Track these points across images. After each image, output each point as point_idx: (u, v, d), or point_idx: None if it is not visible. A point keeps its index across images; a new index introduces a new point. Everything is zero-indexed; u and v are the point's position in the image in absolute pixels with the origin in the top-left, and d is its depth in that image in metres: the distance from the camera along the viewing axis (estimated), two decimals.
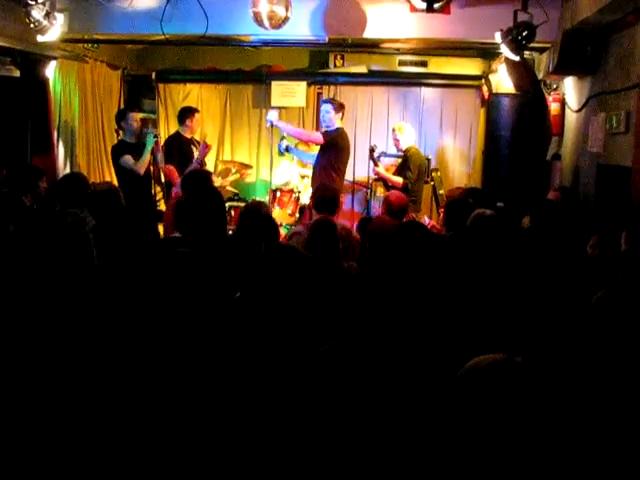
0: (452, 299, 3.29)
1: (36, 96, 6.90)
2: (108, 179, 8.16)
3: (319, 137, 7.07)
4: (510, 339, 2.73)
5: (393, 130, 7.34)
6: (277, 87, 8.93)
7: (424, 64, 8.90)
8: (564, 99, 6.78)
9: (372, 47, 8.02)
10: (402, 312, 2.91)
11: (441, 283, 3.43)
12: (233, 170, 8.41)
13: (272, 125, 7.23)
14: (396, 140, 7.22)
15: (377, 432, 1.94)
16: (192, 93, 9.32)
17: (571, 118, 6.62)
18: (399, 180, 6.91)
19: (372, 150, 7.19)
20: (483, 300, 3.33)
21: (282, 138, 7.49)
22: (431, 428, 1.91)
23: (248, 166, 8.74)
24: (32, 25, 5.81)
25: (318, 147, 7.30)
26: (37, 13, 5.77)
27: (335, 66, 9.13)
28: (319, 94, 9.18)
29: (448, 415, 1.73)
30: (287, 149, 7.78)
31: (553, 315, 3.03)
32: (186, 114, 7.42)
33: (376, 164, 7.12)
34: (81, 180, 5.18)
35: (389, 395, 2.04)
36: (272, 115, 7.24)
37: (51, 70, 7.09)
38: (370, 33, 6.51)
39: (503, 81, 7.26)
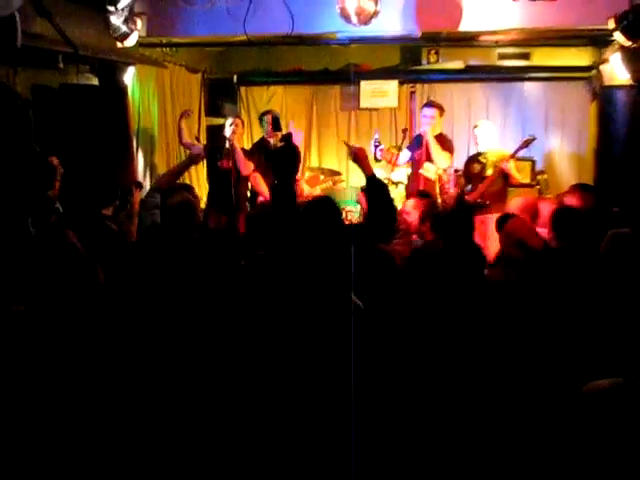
0: (561, 314, 3.29)
1: (115, 104, 7.04)
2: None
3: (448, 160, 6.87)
4: (626, 363, 2.68)
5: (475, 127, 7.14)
6: (366, 87, 8.94)
7: (526, 56, 8.79)
8: None
9: (469, 40, 7.94)
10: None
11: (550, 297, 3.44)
12: (321, 177, 8.41)
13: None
14: (476, 139, 7.05)
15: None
16: (276, 96, 9.48)
17: None
18: (519, 177, 6.79)
19: (530, 141, 6.74)
20: (596, 319, 3.29)
21: (377, 141, 7.03)
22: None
23: (337, 173, 8.72)
24: (112, 32, 6.01)
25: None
26: (116, 19, 5.96)
27: (429, 62, 9.09)
28: (412, 93, 9.22)
29: (568, 435, 1.83)
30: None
31: None
32: (260, 118, 7.51)
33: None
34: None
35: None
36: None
37: (129, 76, 7.22)
38: (467, 26, 6.48)
39: (617, 72, 7.02)
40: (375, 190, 4.12)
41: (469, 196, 6.67)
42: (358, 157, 4.44)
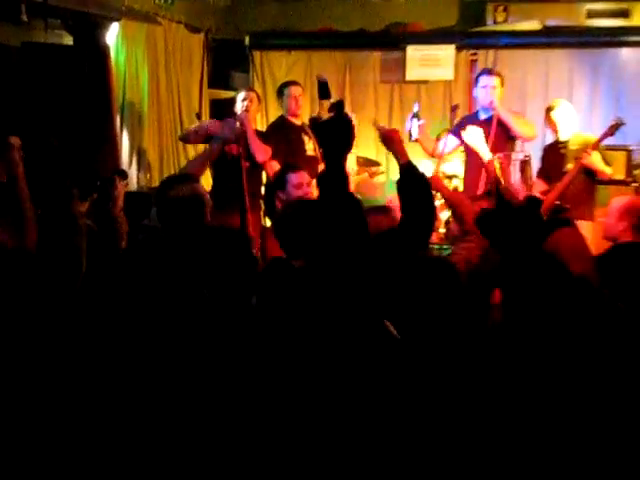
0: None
1: (93, 69, 6.81)
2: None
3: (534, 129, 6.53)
4: None
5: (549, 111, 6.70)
6: (415, 53, 8.62)
7: (624, 14, 8.45)
8: None
9: None
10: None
11: None
12: (355, 168, 7.75)
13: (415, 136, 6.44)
14: (552, 124, 6.61)
15: None
16: (299, 63, 9.16)
17: None
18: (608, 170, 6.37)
19: (618, 125, 6.38)
20: None
21: (415, 115, 6.51)
22: None
23: (374, 163, 8.28)
24: None
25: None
26: None
27: (495, 22, 8.82)
28: (473, 62, 8.84)
29: None
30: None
31: None
32: (279, 91, 7.15)
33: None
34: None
35: None
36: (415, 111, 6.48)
37: (112, 35, 7.07)
38: None
39: None
40: (410, 183, 3.83)
41: (546, 198, 6.28)
42: (390, 140, 4.22)
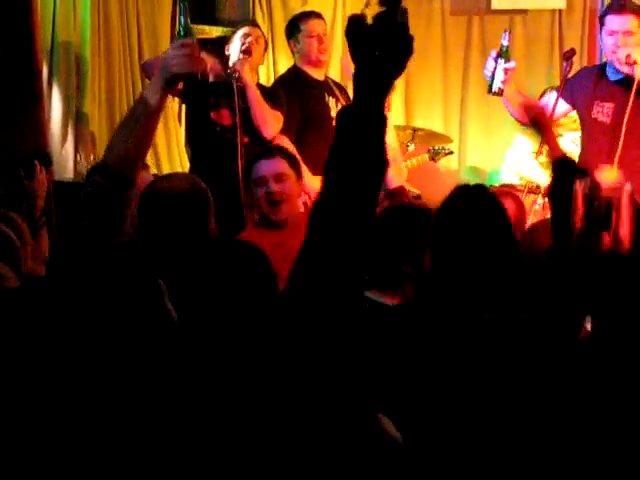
0: None
1: None
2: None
3: None
4: None
5: None
6: None
7: None
8: None
9: None
10: None
11: None
12: (411, 146, 7.46)
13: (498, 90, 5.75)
14: None
15: None
16: None
17: None
18: None
19: None
20: None
21: (502, 52, 5.84)
22: None
23: (443, 138, 7.71)
24: None
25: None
26: None
27: None
28: None
29: None
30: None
31: None
32: (292, 26, 6.54)
33: None
34: None
35: None
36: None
37: None
38: None
39: None
40: (565, 187, 3.27)
41: None
42: (539, 123, 4.75)
